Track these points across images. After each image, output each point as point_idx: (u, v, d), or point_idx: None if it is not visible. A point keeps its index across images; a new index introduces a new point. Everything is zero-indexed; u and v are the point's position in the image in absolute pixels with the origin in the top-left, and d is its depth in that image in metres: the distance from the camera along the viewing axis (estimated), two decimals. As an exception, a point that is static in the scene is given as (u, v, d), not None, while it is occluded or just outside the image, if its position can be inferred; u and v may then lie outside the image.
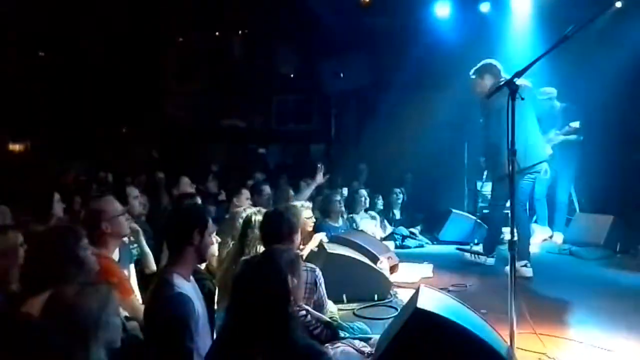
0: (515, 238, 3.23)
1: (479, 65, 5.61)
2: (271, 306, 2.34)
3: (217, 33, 10.91)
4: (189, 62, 10.96)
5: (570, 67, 6.66)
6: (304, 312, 3.02)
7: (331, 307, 3.84)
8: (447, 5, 8.67)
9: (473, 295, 4.63)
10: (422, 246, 6.69)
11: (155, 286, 2.49)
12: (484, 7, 8.48)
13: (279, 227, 3.30)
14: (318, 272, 3.43)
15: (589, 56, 6.73)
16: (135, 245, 4.16)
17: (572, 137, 6.51)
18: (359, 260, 4.50)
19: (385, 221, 7.60)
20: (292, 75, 10.74)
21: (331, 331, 3.07)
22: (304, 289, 3.15)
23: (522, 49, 7.17)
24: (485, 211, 7.83)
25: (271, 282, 2.40)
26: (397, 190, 8.14)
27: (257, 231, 3.59)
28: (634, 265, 5.68)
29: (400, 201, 8.11)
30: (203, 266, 3.71)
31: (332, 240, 5.35)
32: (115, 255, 3.29)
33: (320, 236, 4.77)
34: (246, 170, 8.60)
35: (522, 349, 3.23)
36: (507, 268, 4.74)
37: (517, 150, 3.21)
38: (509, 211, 5.15)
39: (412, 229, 7.40)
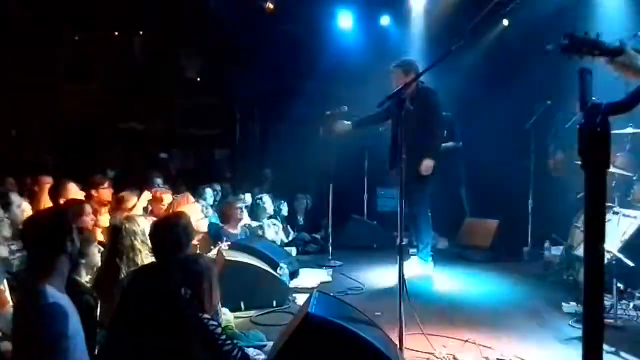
0: (405, 242, 3.35)
1: (405, 60, 5.64)
2: (164, 318, 2.27)
3: (116, 33, 10.45)
4: (85, 62, 10.40)
5: (459, 77, 7.07)
6: (215, 323, 2.93)
7: (227, 315, 3.80)
8: (350, 17, 8.92)
9: (369, 298, 4.78)
10: (323, 252, 6.79)
11: (25, 298, 2.32)
12: (384, 20, 8.81)
13: (175, 236, 3.16)
14: None
15: (477, 67, 7.18)
16: (18, 254, 3.89)
17: (450, 144, 6.85)
18: (257, 267, 4.49)
19: (289, 227, 7.64)
20: (198, 79, 10.50)
21: (242, 353, 2.96)
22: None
23: (419, 60, 7.49)
24: (384, 216, 8.12)
25: (166, 295, 2.32)
26: (301, 196, 8.22)
27: (130, 240, 3.46)
28: (517, 267, 6.11)
29: (304, 207, 8.19)
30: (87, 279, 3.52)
31: (231, 247, 5.30)
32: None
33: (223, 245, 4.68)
34: (145, 175, 8.27)
35: (410, 349, 3.37)
36: None
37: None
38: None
39: (314, 235, 7.50)
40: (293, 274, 5.23)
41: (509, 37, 7.35)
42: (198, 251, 4.55)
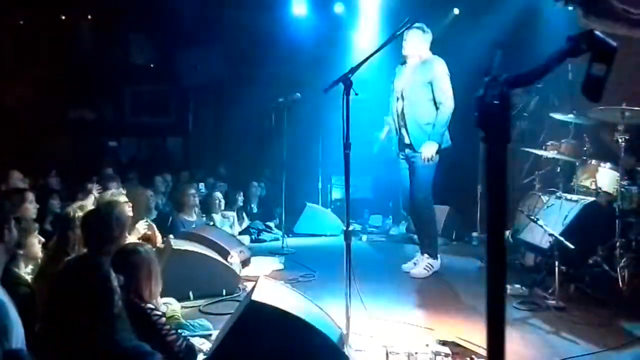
0: (351, 228, 3.37)
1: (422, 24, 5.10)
2: (92, 308, 2.22)
3: (63, 17, 10.07)
4: (31, 48, 9.98)
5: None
6: (158, 313, 2.88)
7: (174, 305, 3.74)
8: (304, 4, 8.85)
9: (320, 284, 4.79)
10: (277, 239, 6.76)
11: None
12: (338, 8, 8.79)
13: (108, 226, 3.05)
14: None
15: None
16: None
17: None
18: (206, 256, 4.42)
19: (244, 214, 7.57)
20: (152, 65, 10.24)
21: (187, 343, 2.92)
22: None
23: (371, 48, 7.50)
24: (338, 204, 8.17)
25: (92, 283, 2.26)
26: (255, 184, 8.16)
27: (79, 230, 3.35)
28: (466, 251, 6.27)
29: (258, 195, 8.15)
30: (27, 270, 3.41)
31: (181, 235, 5.22)
32: None
33: (141, 226, 4.53)
34: (95, 164, 8.07)
35: (357, 334, 3.39)
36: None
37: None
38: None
39: (268, 223, 7.47)
40: (245, 263, 5.18)
41: (458, 26, 7.44)
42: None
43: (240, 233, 6.96)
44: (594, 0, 1.76)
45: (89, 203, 4.63)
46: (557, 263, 4.20)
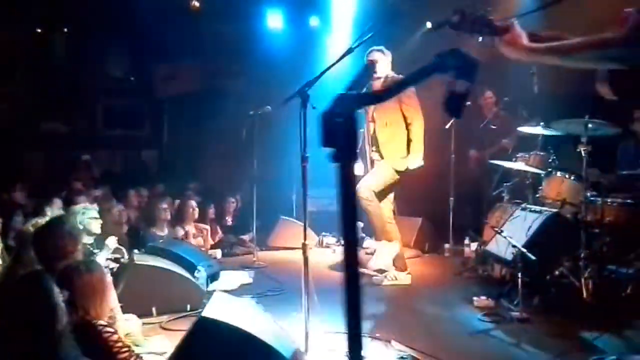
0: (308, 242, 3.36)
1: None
2: (35, 324, 2.19)
3: (38, 30, 10.00)
4: (5, 61, 9.87)
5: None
6: (110, 331, 2.83)
7: (132, 322, 3.68)
8: (280, 17, 8.89)
9: (288, 299, 4.73)
10: (250, 253, 6.71)
11: None
12: (313, 21, 8.84)
13: (60, 241, 2.99)
14: None
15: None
16: None
17: None
18: (169, 270, 4.37)
19: (217, 227, 7.50)
20: (131, 78, 10.17)
21: None
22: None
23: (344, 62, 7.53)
24: (314, 216, 8.12)
25: (35, 299, 2.23)
26: (230, 197, 8.10)
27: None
28: (439, 263, 6.27)
29: (232, 209, 8.08)
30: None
31: (149, 250, 5.16)
32: None
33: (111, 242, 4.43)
34: (67, 178, 7.96)
35: (315, 348, 3.36)
36: None
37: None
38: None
39: (242, 236, 7.42)
40: (213, 277, 5.13)
41: (430, 40, 7.50)
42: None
43: (212, 246, 6.90)
44: (504, 29, 1.76)
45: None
46: (519, 274, 4.21)
